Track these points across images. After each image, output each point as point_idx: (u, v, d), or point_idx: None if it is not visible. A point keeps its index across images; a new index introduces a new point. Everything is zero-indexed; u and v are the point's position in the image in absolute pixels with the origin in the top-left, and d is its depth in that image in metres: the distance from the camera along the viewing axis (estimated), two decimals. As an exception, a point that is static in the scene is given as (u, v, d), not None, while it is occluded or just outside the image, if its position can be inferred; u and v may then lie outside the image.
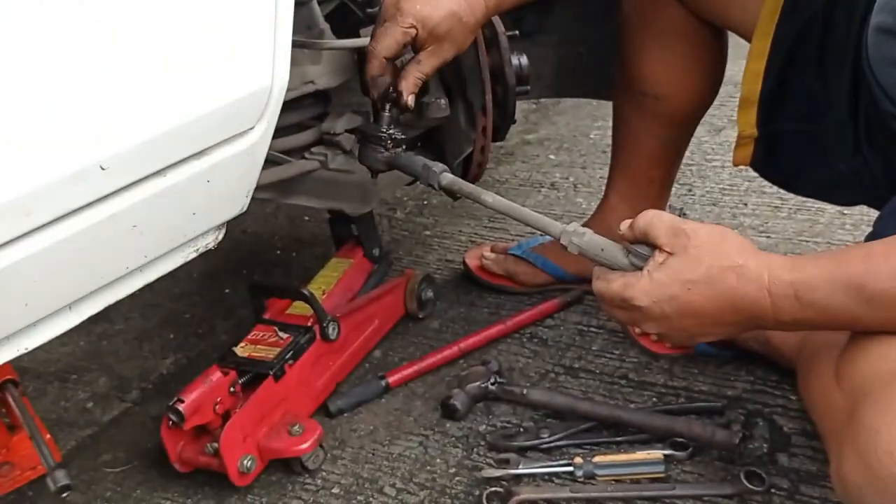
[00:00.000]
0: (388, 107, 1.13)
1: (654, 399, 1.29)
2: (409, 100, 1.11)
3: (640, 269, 0.90)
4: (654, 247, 0.90)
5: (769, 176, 1.28)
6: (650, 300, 0.88)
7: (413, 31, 1.08)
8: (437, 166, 1.10)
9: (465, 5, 1.10)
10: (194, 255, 0.88)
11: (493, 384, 1.31)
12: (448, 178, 1.10)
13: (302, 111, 1.31)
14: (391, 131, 1.13)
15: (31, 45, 0.67)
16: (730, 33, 1.31)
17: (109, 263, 0.78)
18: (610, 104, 1.46)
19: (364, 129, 1.17)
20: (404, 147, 1.15)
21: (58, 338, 0.81)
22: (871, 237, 1.03)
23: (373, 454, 1.26)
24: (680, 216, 0.93)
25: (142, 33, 0.75)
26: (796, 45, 1.13)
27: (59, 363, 1.59)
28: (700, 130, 1.51)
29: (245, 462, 1.18)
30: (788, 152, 1.20)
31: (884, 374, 0.79)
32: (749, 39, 1.16)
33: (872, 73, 1.00)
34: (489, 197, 1.06)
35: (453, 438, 1.26)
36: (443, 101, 1.20)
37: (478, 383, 1.31)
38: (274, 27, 0.82)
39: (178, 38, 0.77)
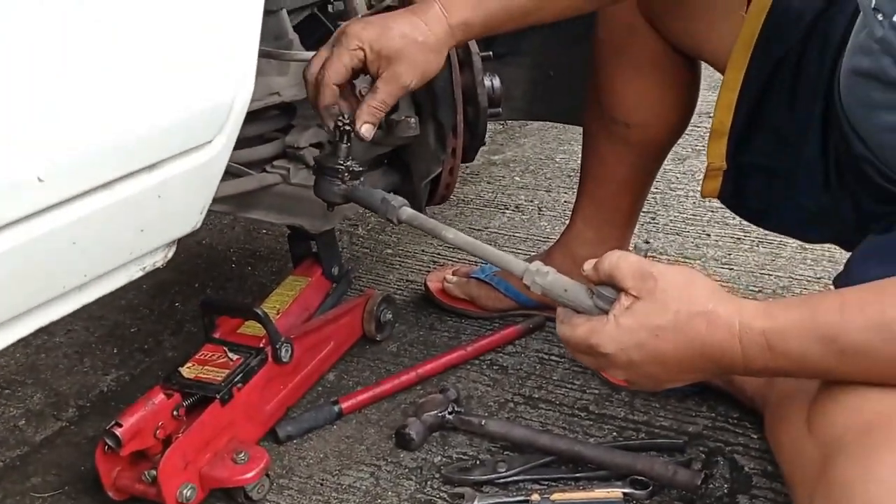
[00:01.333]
0: (345, 138, 1.08)
1: (615, 433, 1.26)
2: (364, 129, 1.06)
3: (606, 312, 0.86)
4: (619, 289, 0.86)
5: (738, 210, 1.27)
6: (617, 347, 0.84)
7: (360, 52, 1.03)
8: (397, 200, 1.08)
9: (422, 24, 1.04)
10: (140, 273, 0.83)
11: (450, 413, 1.27)
12: (407, 212, 1.08)
13: (265, 123, 1.27)
14: (348, 163, 1.10)
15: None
16: (703, 64, 1.30)
17: (43, 283, 0.72)
18: (577, 128, 1.44)
19: (320, 161, 1.13)
20: (362, 180, 1.12)
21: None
22: (841, 277, 1.02)
23: (321, 484, 1.21)
24: (644, 245, 0.90)
25: (88, 35, 0.69)
26: (770, 80, 1.12)
27: (-8, 376, 1.50)
28: (663, 159, 1.49)
29: (185, 491, 1.11)
30: (757, 187, 1.19)
31: (858, 427, 0.77)
32: (722, 71, 1.15)
33: (845, 116, 1.00)
34: (450, 233, 1.04)
35: (406, 470, 1.22)
36: (413, 120, 1.16)
37: (434, 412, 1.27)
38: (239, 36, 0.78)
39: (126, 42, 0.72)
